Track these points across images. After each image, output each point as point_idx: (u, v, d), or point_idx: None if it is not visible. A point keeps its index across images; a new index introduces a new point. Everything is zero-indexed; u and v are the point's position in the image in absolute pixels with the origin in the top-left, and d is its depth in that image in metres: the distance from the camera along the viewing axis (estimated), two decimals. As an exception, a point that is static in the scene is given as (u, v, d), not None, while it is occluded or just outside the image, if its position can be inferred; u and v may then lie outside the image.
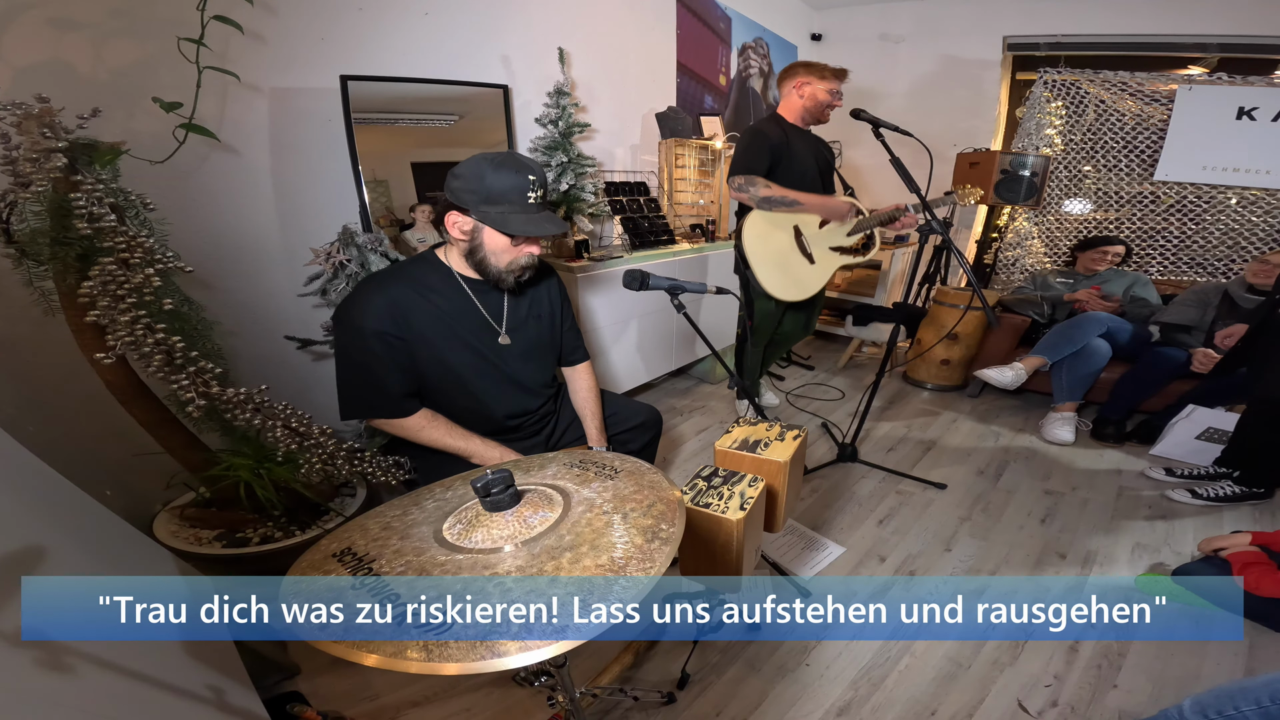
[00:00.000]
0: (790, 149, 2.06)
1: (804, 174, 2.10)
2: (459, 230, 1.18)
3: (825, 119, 2.11)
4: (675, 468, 2.31)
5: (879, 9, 3.93)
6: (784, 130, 2.08)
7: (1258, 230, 2.96)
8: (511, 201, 1.14)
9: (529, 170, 1.14)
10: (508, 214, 1.14)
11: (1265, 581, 1.39)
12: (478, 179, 1.12)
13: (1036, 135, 3.36)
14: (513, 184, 1.13)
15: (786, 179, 2.05)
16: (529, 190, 1.14)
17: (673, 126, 2.88)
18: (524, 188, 1.13)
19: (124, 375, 1.25)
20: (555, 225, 1.18)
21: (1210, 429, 2.16)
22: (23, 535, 0.74)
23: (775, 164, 2.04)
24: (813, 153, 2.13)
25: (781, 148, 2.04)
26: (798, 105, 2.09)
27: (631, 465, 0.90)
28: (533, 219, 1.15)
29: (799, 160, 2.08)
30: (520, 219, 1.14)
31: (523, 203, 1.14)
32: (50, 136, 1.04)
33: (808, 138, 2.14)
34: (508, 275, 1.23)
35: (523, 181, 1.13)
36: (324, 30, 1.76)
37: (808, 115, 2.09)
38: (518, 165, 1.14)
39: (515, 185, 1.13)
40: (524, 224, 1.15)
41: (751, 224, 2.09)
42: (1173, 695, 1.27)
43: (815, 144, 2.17)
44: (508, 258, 1.21)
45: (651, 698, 1.25)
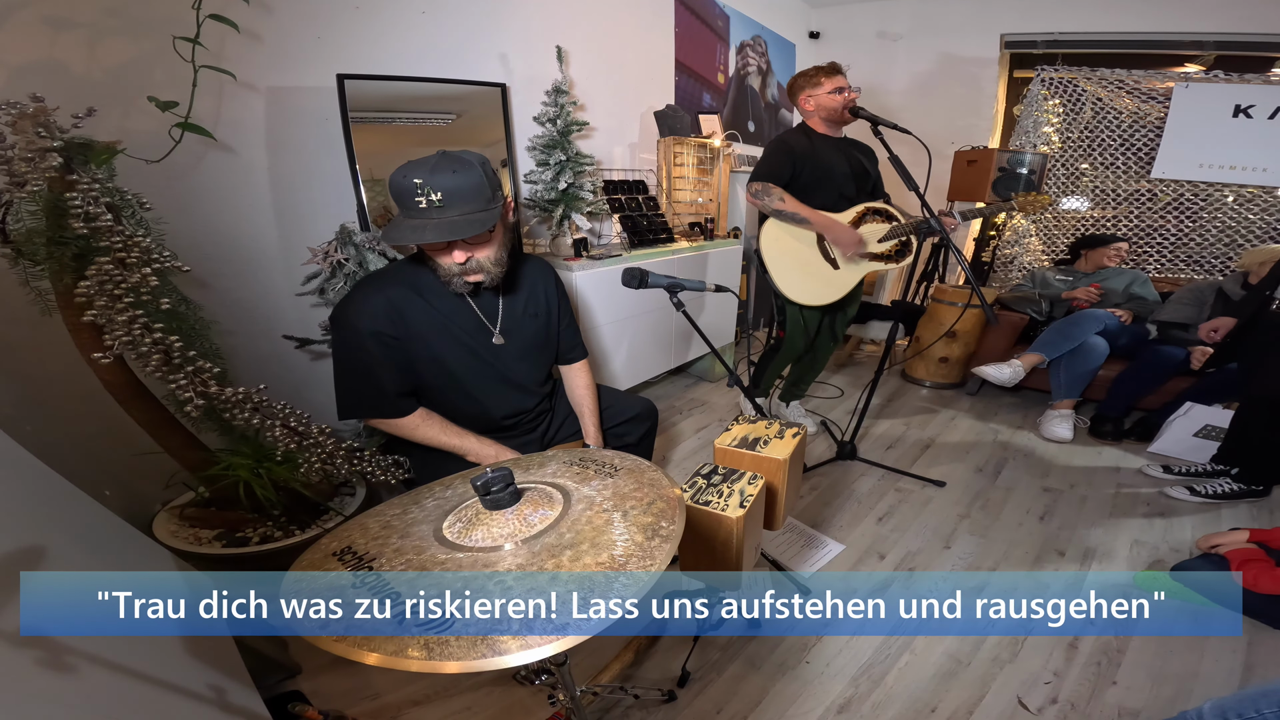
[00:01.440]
0: (816, 157, 2.00)
1: (831, 181, 2.02)
2: None
3: (848, 118, 2.00)
4: (675, 465, 2.31)
5: (877, 6, 3.93)
6: (810, 139, 2.03)
7: (1254, 228, 2.96)
8: (404, 205, 1.08)
9: (420, 173, 1.05)
10: (397, 219, 1.09)
11: (1264, 578, 1.39)
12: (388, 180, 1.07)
13: (1034, 133, 3.36)
14: (401, 187, 1.06)
15: (813, 186, 2.01)
16: (416, 194, 1.05)
17: (671, 125, 2.88)
18: (411, 191, 1.05)
19: (122, 375, 1.25)
20: (440, 232, 1.07)
21: (1208, 426, 2.17)
22: (22, 535, 0.74)
23: (799, 172, 1.99)
24: (845, 158, 2.05)
25: (806, 157, 1.99)
26: (816, 118, 2.05)
27: (631, 463, 0.90)
28: (419, 226, 1.07)
29: (826, 168, 2.01)
30: (402, 225, 1.08)
31: (413, 207, 1.07)
32: (45, 136, 1.03)
33: (839, 144, 2.06)
34: (454, 280, 1.18)
35: (409, 185, 1.05)
36: (320, 29, 1.76)
37: (830, 122, 2.04)
38: (413, 168, 1.06)
39: (403, 189, 1.06)
40: (402, 231, 1.07)
41: (769, 229, 2.06)
42: (1172, 691, 1.27)
43: (848, 148, 2.08)
44: (439, 262, 1.16)
45: (652, 696, 1.25)
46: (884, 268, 2.08)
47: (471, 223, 1.10)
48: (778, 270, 2.05)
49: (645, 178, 2.90)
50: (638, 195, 2.75)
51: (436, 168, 1.07)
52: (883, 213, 2.05)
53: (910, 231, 2.00)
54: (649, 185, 2.91)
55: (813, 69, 2.03)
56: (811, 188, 2.00)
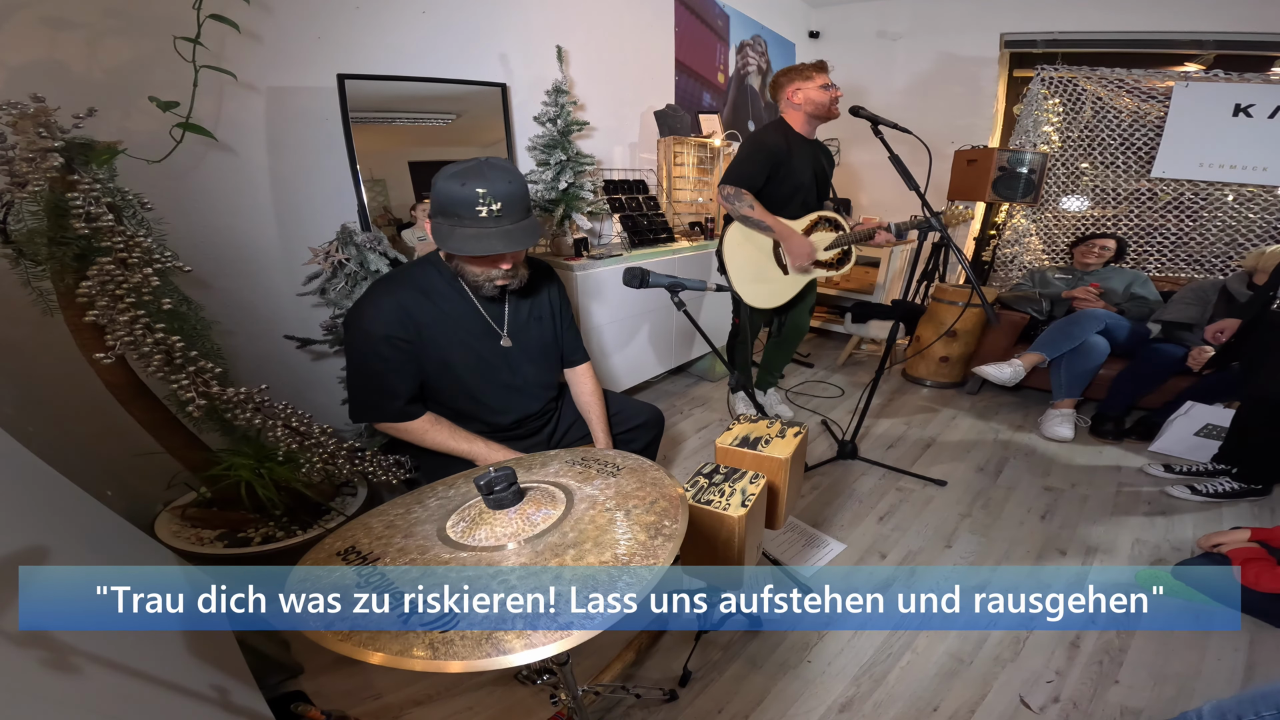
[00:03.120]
0: (791, 161, 2.04)
1: (799, 188, 2.09)
2: (433, 237, 1.13)
3: (835, 114, 2.05)
4: (676, 465, 2.30)
5: (877, 6, 3.93)
6: (787, 140, 2.05)
7: (1255, 227, 2.96)
8: (460, 215, 1.07)
9: (480, 182, 1.05)
10: (454, 228, 1.08)
11: (1265, 577, 1.39)
12: (444, 188, 1.07)
13: (1034, 132, 3.36)
14: (460, 196, 1.05)
15: (781, 191, 2.07)
16: (478, 204, 1.05)
17: (671, 124, 2.88)
18: (472, 201, 1.05)
19: (124, 375, 1.25)
20: (507, 242, 1.08)
21: (1209, 425, 2.17)
22: (24, 536, 0.74)
23: (773, 176, 2.03)
24: (812, 163, 2.11)
25: (782, 160, 2.03)
26: (800, 113, 2.06)
27: (634, 463, 0.90)
28: (481, 235, 1.07)
29: (797, 174, 2.06)
30: (466, 234, 1.07)
31: (473, 217, 1.06)
32: (46, 136, 1.03)
33: (810, 146, 2.12)
34: (486, 285, 1.20)
35: (470, 194, 1.05)
36: (321, 29, 1.76)
37: (813, 119, 2.06)
38: (469, 176, 1.06)
39: (463, 198, 1.05)
40: (465, 241, 1.07)
41: (733, 234, 2.14)
42: (1174, 690, 1.27)
43: (816, 153, 2.14)
44: (476, 269, 1.18)
45: (653, 695, 1.25)
46: (826, 274, 2.22)
47: (527, 231, 1.12)
48: (735, 272, 2.15)
49: (645, 177, 2.90)
50: (638, 195, 2.75)
51: (492, 176, 1.07)
52: (831, 221, 2.19)
53: (853, 241, 2.16)
54: (649, 185, 2.91)
55: (800, 65, 2.05)
56: (782, 201, 2.09)
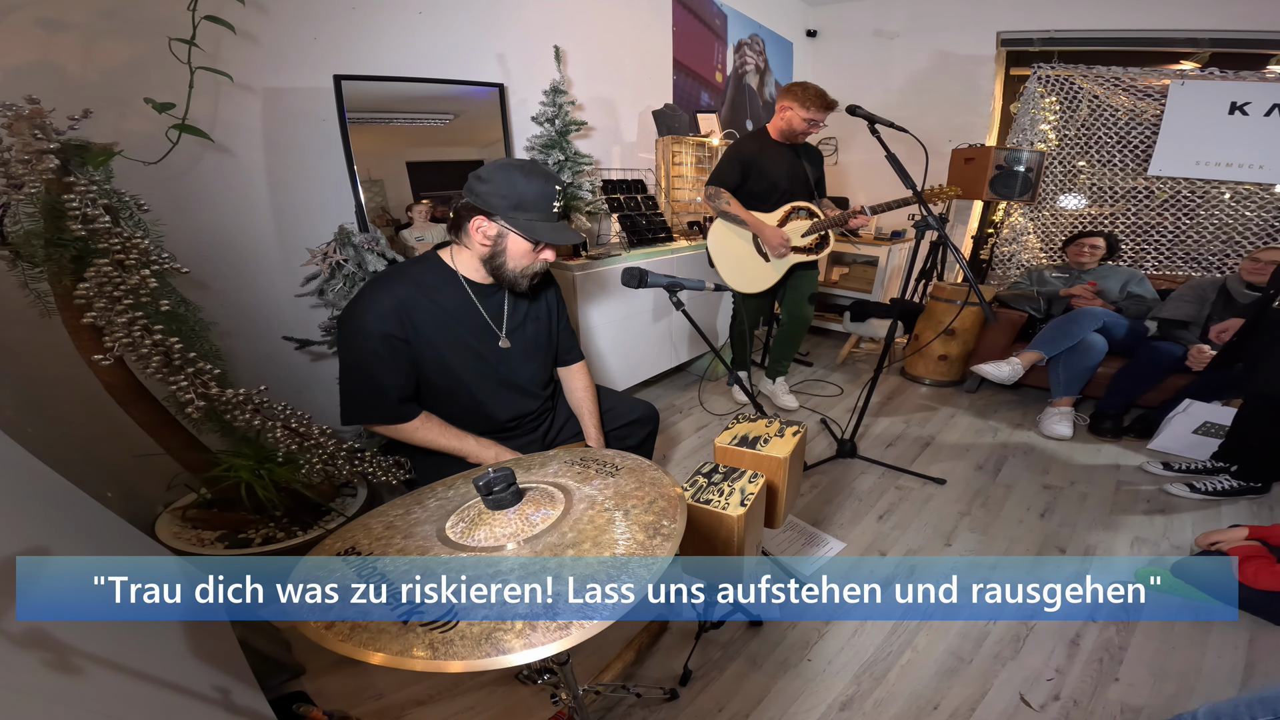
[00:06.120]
0: (762, 163, 2.33)
1: (773, 185, 2.37)
2: (483, 235, 1.20)
3: (799, 140, 2.36)
4: (675, 464, 2.31)
5: (873, 4, 3.93)
6: (760, 144, 2.36)
7: (1251, 225, 2.97)
8: (539, 209, 1.18)
9: (555, 180, 1.21)
10: (535, 221, 1.19)
11: (1264, 575, 1.40)
12: (509, 185, 1.16)
13: (1031, 131, 3.37)
14: (542, 192, 1.18)
15: (758, 188, 2.36)
16: (554, 199, 1.20)
17: (669, 124, 2.88)
18: (551, 196, 1.19)
19: (122, 376, 1.24)
20: (574, 235, 1.25)
21: (1207, 423, 2.18)
22: (24, 537, 0.74)
23: (746, 175, 2.34)
24: (787, 164, 2.38)
25: (752, 162, 2.33)
26: (778, 124, 2.33)
27: (632, 462, 0.90)
28: (556, 228, 1.21)
29: (769, 173, 2.35)
30: (546, 227, 1.20)
31: (548, 211, 1.20)
32: (42, 138, 1.03)
33: (786, 149, 2.38)
34: (522, 279, 1.26)
35: (550, 190, 1.19)
36: (317, 29, 1.75)
37: (783, 135, 2.34)
38: (545, 175, 1.20)
39: (544, 193, 1.18)
40: (549, 232, 1.19)
41: (717, 228, 2.45)
42: (1174, 688, 1.28)
43: (792, 156, 2.40)
44: (525, 262, 1.24)
45: (654, 694, 1.25)
46: (806, 258, 2.46)
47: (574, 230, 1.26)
48: (721, 261, 2.45)
49: (644, 177, 2.90)
50: (636, 195, 2.75)
51: (553, 176, 1.21)
52: (805, 210, 2.42)
53: (826, 227, 2.39)
54: (648, 184, 2.91)
55: (811, 94, 2.21)
56: (761, 196, 2.37)
